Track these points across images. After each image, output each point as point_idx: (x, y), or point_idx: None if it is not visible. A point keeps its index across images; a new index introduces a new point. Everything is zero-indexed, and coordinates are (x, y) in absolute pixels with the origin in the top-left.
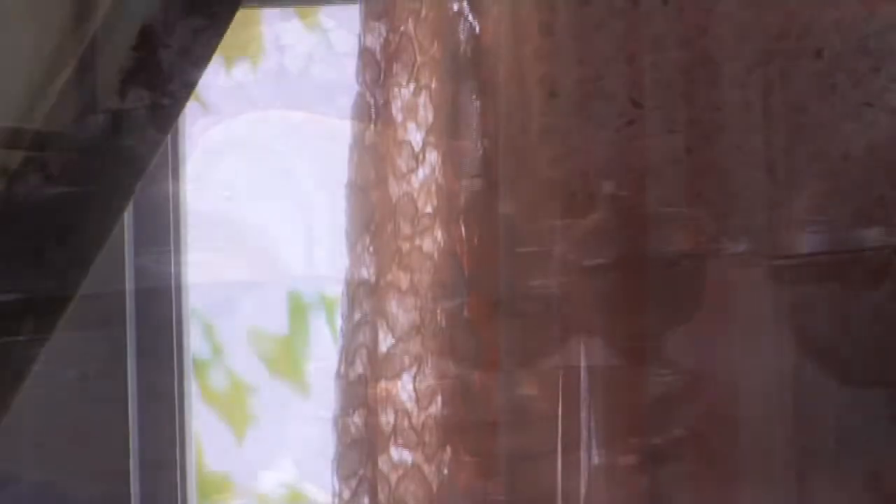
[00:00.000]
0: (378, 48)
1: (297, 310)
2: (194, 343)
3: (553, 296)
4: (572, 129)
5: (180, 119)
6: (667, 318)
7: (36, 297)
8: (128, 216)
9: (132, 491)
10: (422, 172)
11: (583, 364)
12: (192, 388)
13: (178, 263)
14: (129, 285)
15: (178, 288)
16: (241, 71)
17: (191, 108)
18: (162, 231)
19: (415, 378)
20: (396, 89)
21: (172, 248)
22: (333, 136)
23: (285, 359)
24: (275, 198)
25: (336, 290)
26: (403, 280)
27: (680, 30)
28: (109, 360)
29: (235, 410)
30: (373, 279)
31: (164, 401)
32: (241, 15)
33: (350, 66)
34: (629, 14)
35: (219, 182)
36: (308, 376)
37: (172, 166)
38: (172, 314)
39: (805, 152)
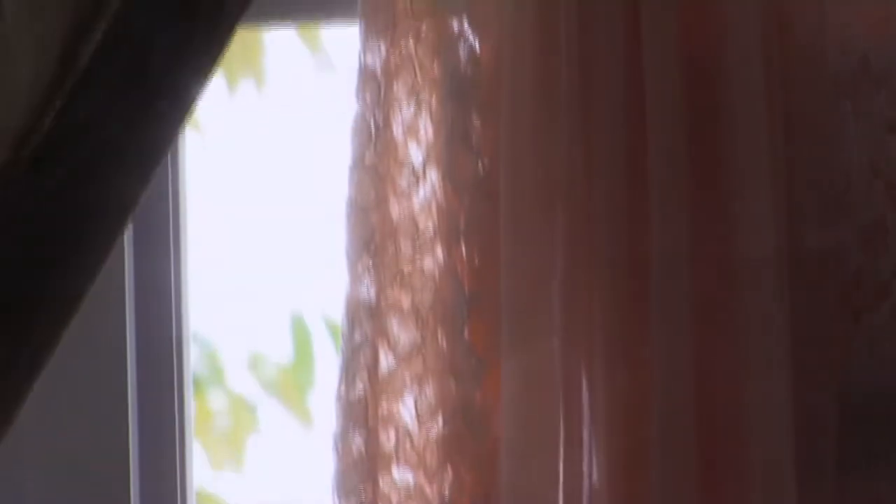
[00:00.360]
0: (378, 67)
1: (301, 335)
2: (196, 367)
3: (555, 315)
4: (573, 141)
5: (180, 141)
6: (666, 321)
7: (38, 305)
8: (128, 241)
9: None
10: (422, 192)
11: (584, 379)
12: (193, 411)
13: (178, 288)
14: (130, 314)
15: (179, 312)
16: (241, 91)
17: (191, 131)
18: (162, 254)
19: (416, 398)
20: (397, 108)
21: (173, 271)
22: (334, 154)
23: (287, 383)
24: (276, 218)
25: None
26: (404, 300)
27: (681, 43)
28: (109, 385)
29: (236, 433)
30: (373, 299)
31: (164, 423)
32: (242, 36)
33: (350, 84)
34: (629, 30)
35: (219, 203)
36: (310, 399)
37: (173, 189)
38: (173, 337)
39: (806, 171)
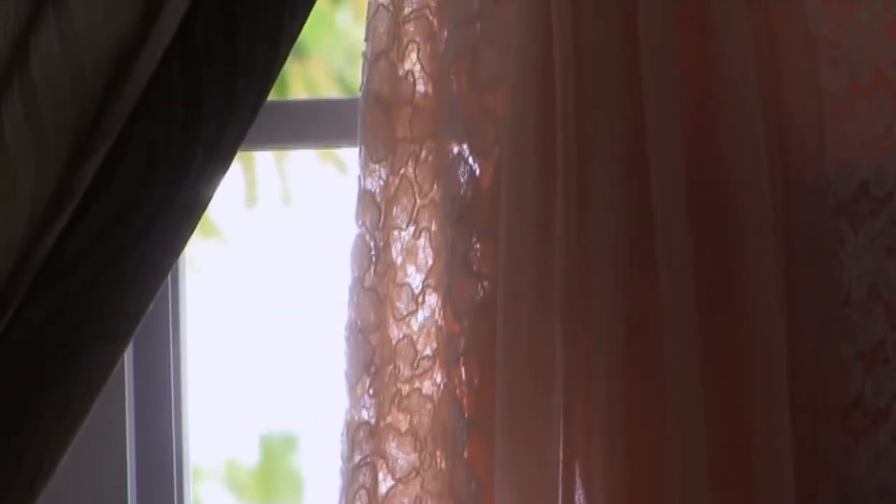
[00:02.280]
0: (378, 191)
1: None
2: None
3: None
4: (571, 273)
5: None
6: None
7: (37, 430)
8: (128, 359)
9: None
10: (421, 315)
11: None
12: None
13: (178, 411)
14: (130, 430)
15: (180, 442)
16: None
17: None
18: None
19: None
20: (396, 232)
21: (173, 389)
22: (333, 277)
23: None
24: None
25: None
26: (403, 422)
27: (687, 167)
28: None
29: None
30: (372, 421)
31: None
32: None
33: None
34: (632, 154)
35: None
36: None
37: (173, 315)
38: (174, 466)
39: (805, 296)
